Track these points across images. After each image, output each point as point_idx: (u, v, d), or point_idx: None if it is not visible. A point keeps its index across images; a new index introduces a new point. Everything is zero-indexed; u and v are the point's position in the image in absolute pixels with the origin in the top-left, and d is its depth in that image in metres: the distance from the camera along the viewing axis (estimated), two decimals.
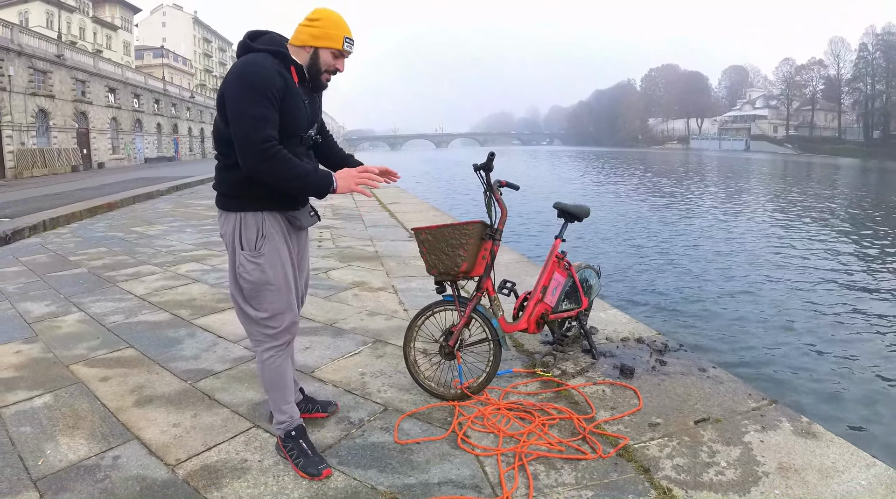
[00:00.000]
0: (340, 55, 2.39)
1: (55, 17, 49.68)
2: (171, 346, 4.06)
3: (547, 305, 3.34)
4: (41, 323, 4.71)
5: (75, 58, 39.37)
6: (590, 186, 33.38)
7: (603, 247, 13.34)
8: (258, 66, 2.20)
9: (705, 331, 7.22)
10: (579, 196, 26.80)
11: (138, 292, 5.61)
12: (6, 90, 31.19)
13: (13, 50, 31.94)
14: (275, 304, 2.40)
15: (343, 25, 2.35)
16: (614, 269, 10.90)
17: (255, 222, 2.36)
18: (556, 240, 3.48)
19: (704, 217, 18.76)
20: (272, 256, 2.38)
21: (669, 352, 3.74)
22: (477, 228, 2.93)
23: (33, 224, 10.15)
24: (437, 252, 2.95)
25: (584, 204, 3.64)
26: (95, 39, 57.89)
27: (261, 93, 2.17)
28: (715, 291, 9.28)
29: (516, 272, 5.75)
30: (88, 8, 58.10)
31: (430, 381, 3.10)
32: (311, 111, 2.43)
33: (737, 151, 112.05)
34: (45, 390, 3.33)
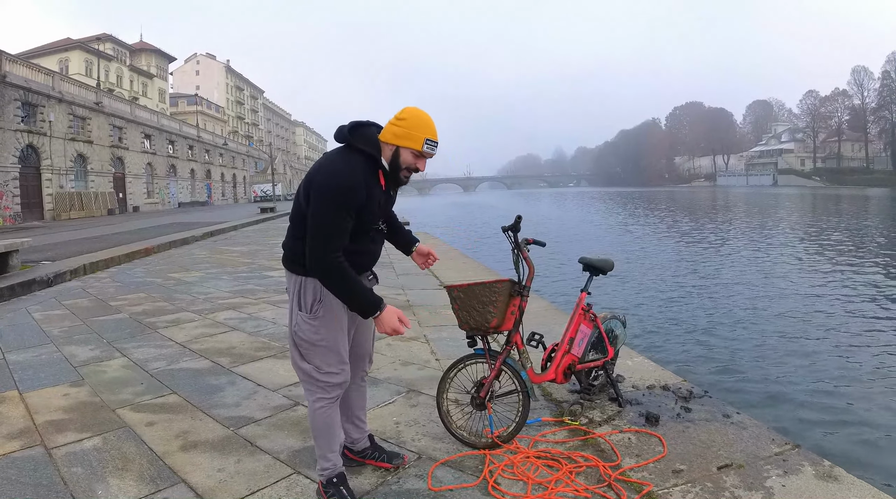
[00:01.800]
0: (420, 156, 2.50)
1: (94, 65, 51.80)
2: (212, 393, 4.22)
3: (574, 356, 3.47)
4: (86, 367, 4.92)
5: (113, 105, 40.95)
6: (614, 229, 33.38)
7: (630, 292, 13.32)
8: (348, 180, 2.37)
9: (732, 375, 7.19)
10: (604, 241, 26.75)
11: (179, 339, 5.81)
12: (47, 135, 32.48)
13: (54, 97, 33.37)
14: (327, 360, 2.55)
15: (427, 127, 2.46)
16: (642, 314, 10.88)
17: (313, 288, 2.51)
18: (582, 293, 3.62)
19: (732, 258, 18.65)
20: (327, 318, 2.53)
21: (694, 398, 3.81)
22: (506, 286, 3.10)
23: (74, 268, 10.54)
24: (469, 309, 3.11)
25: (608, 257, 3.80)
26: (132, 87, 60.14)
27: (344, 209, 2.35)
28: (743, 334, 9.22)
29: (545, 321, 5.84)
30: (126, 57, 60.56)
31: (462, 430, 3.22)
32: (385, 208, 2.64)
33: (764, 187, 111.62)
34: (94, 433, 3.50)
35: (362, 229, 2.50)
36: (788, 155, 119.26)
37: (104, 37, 57.16)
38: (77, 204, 34.86)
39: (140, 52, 66.16)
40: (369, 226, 2.54)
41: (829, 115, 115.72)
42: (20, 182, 30.64)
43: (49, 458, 3.17)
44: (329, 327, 2.53)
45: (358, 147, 2.47)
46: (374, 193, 2.45)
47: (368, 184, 2.42)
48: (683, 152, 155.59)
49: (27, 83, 31.20)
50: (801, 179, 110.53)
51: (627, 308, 11.40)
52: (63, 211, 33.57)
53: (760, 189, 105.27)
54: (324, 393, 2.57)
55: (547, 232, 31.76)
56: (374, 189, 2.47)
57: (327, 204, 2.35)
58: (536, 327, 4.62)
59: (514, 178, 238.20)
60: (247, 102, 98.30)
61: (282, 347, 5.34)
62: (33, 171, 32.12)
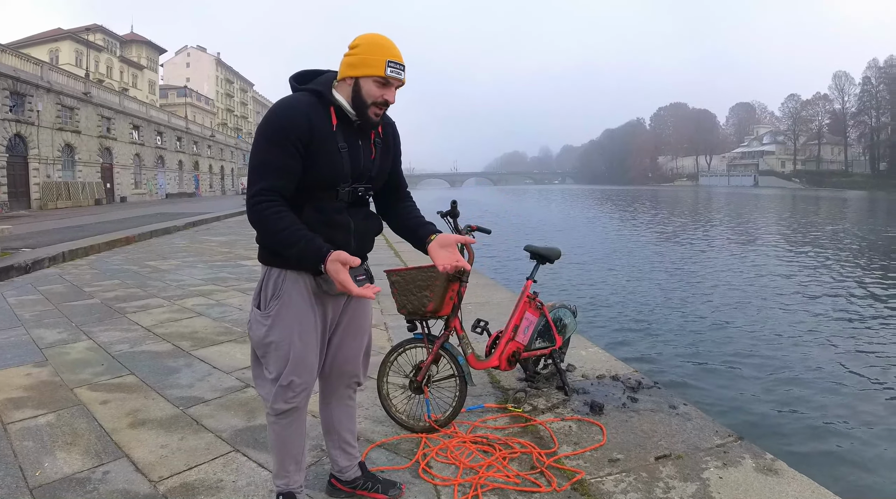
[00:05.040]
0: (386, 83, 2.03)
1: (84, 56, 51.51)
2: (168, 374, 4.29)
3: (519, 343, 3.53)
4: (52, 349, 4.99)
5: (101, 95, 40.72)
6: (593, 224, 33.69)
7: (597, 283, 13.52)
8: (279, 108, 2.00)
9: (687, 369, 7.25)
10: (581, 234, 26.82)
11: (145, 324, 5.87)
12: (34, 125, 32.31)
13: (42, 86, 33.20)
14: (278, 365, 2.13)
15: (385, 47, 2.01)
16: (606, 306, 11.00)
17: (274, 280, 2.13)
18: (528, 281, 3.68)
19: (705, 254, 18.89)
20: (284, 317, 2.11)
21: (643, 389, 3.87)
22: None
23: (53, 255, 10.52)
24: (406, 293, 3.14)
25: (555, 246, 3.87)
26: (122, 78, 59.84)
27: (276, 142, 1.95)
28: (703, 328, 9.35)
29: (507, 311, 5.92)
30: (116, 48, 60.26)
31: (401, 414, 3.27)
32: (353, 159, 2.10)
33: (745, 187, 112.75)
34: (49, 410, 3.60)
35: (319, 183, 2.04)
36: (769, 157, 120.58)
37: (95, 27, 56.76)
38: (64, 194, 34.63)
39: (131, 43, 65.75)
40: (331, 179, 2.05)
41: (810, 118, 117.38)
42: (7, 171, 30.36)
43: (4, 432, 3.27)
44: (284, 328, 2.11)
45: (303, 89, 2.11)
46: (322, 129, 2.01)
47: (313, 118, 2.00)
48: (667, 152, 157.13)
49: (15, 73, 30.96)
50: (781, 180, 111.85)
51: (593, 300, 11.53)
52: (50, 200, 33.35)
53: (741, 189, 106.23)
54: (276, 403, 2.16)
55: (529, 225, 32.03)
56: (323, 124, 2.02)
57: (259, 140, 2.00)
58: (498, 317, 4.72)
59: (501, 174, 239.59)
60: (236, 95, 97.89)
61: (243, 333, 5.40)
62: (20, 160, 31.85)
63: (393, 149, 2.34)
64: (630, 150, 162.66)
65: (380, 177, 2.28)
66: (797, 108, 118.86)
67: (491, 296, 6.96)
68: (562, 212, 47.06)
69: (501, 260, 17.32)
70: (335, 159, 2.05)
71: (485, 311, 6.02)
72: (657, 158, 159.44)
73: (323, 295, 2.19)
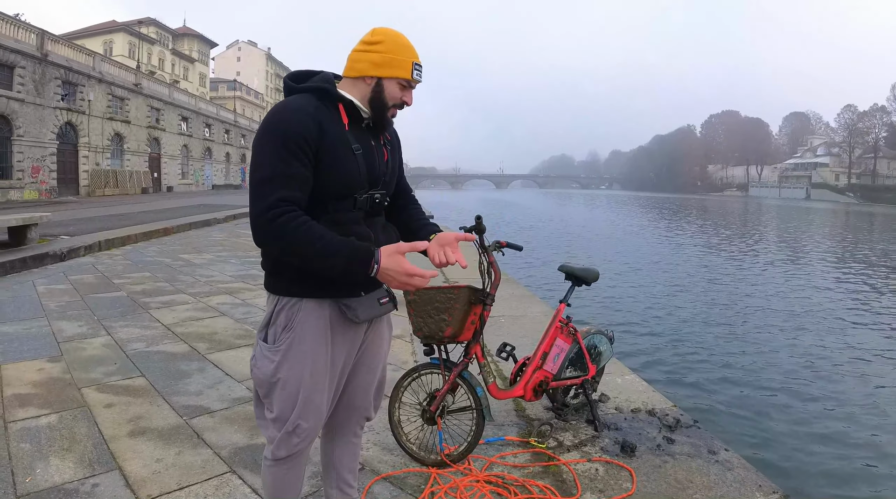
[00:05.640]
0: (408, 86, 1.89)
1: (137, 48, 52.80)
2: (179, 379, 4.13)
3: (547, 372, 3.24)
4: (69, 343, 4.93)
5: (152, 87, 41.63)
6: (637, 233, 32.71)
7: (638, 301, 12.84)
8: (283, 111, 1.77)
9: (731, 404, 6.68)
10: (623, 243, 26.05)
11: (166, 321, 5.75)
12: (85, 114, 33.15)
13: (94, 77, 34.10)
14: (284, 405, 1.85)
15: (411, 48, 1.87)
16: (645, 327, 10.43)
17: (287, 312, 1.84)
18: (561, 304, 3.38)
19: (754, 274, 17.79)
20: (294, 353, 1.83)
21: (681, 428, 3.53)
22: (464, 292, 2.81)
23: (89, 244, 10.58)
24: (423, 315, 2.86)
25: (592, 267, 3.55)
26: (173, 70, 61.00)
27: (282, 145, 1.71)
28: (753, 359, 8.63)
29: (542, 327, 5.61)
30: (168, 41, 61.54)
31: (412, 444, 3.01)
32: (369, 163, 1.87)
33: (797, 200, 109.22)
34: (53, 410, 3.50)
35: (334, 191, 1.81)
36: (823, 169, 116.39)
37: (148, 20, 58.16)
38: (112, 181, 35.39)
39: (183, 36, 67.03)
40: (347, 185, 1.82)
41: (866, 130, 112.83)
42: (57, 158, 31.21)
43: (4, 431, 3.19)
44: (294, 366, 1.82)
45: (303, 89, 1.88)
46: (333, 131, 1.80)
47: (321, 119, 1.78)
48: (717, 161, 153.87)
49: (68, 63, 31.80)
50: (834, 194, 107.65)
51: (631, 315, 11.03)
52: (98, 188, 34.12)
53: (792, 202, 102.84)
54: (279, 450, 1.89)
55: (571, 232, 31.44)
56: (333, 126, 1.80)
57: (263, 149, 1.75)
58: (532, 333, 4.43)
59: (547, 177, 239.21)
60: None
61: None
62: (71, 148, 32.70)
63: (398, 151, 2.13)
64: (679, 157, 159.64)
65: (393, 181, 2.05)
66: (853, 119, 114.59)
67: (527, 308, 6.65)
68: (606, 218, 46.41)
69: (539, 268, 16.86)
70: (350, 163, 1.82)
71: (518, 325, 5.75)
72: (707, 166, 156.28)
73: (343, 327, 1.90)
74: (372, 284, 1.88)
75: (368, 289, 1.91)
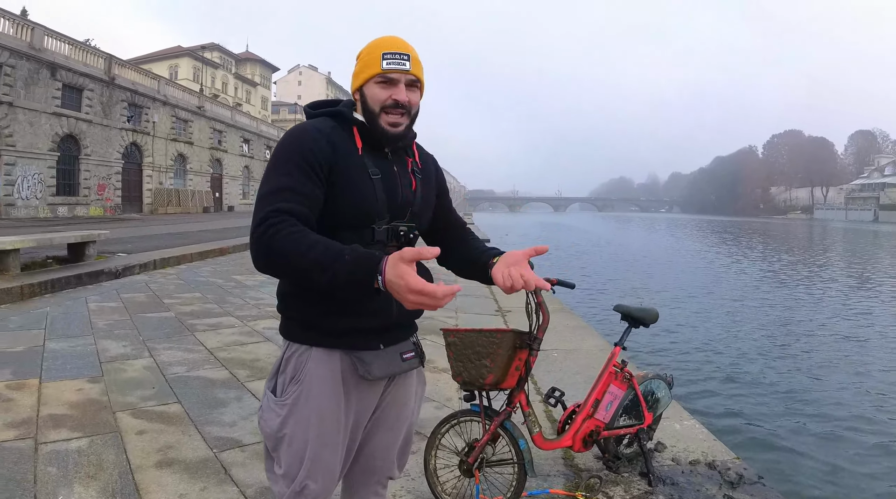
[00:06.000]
0: (388, 81, 1.62)
1: (201, 72, 54.75)
2: (215, 407, 4.01)
3: (598, 421, 2.97)
4: (111, 364, 4.90)
5: (214, 109, 43.23)
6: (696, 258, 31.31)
7: (699, 334, 12.08)
8: (294, 131, 1.65)
9: (800, 457, 6.02)
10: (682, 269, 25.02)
11: (210, 345, 5.69)
12: (150, 135, 34.60)
13: (159, 100, 35.70)
14: (292, 466, 1.63)
15: (382, 42, 1.66)
16: (707, 364, 9.74)
17: (295, 362, 1.64)
18: (616, 347, 3.11)
19: (830, 308, 16.31)
20: (301, 408, 1.61)
21: (744, 484, 3.20)
22: (508, 337, 2.54)
23: (144, 262, 10.75)
24: (463, 359, 2.60)
25: (651, 307, 3.28)
26: (236, 94, 62.96)
27: (290, 161, 1.55)
28: (828, 401, 7.89)
29: (597, 363, 5.30)
30: (231, 65, 63.69)
31: (448, 495, 2.78)
32: (390, 189, 1.65)
33: (864, 222, 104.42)
34: (84, 434, 3.44)
35: (349, 219, 1.60)
36: (892, 190, 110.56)
37: (212, 46, 60.32)
38: (174, 200, 36.59)
39: (245, 61, 69.23)
40: (363, 213, 1.60)
41: None
42: (122, 176, 32.67)
43: (34, 453, 3.16)
44: (301, 422, 1.60)
45: (321, 111, 1.74)
46: (347, 154, 1.62)
47: (336, 140, 1.62)
48: (780, 182, 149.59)
49: (134, 86, 33.53)
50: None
51: (689, 353, 10.40)
52: (160, 206, 35.33)
53: (860, 225, 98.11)
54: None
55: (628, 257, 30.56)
56: (348, 148, 1.63)
57: (269, 169, 1.59)
58: (585, 370, 4.15)
59: (606, 200, 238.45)
60: None
61: None
62: (135, 167, 34.17)
63: (436, 180, 1.89)
64: (741, 179, 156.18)
65: (425, 213, 1.80)
66: None
67: (581, 341, 6.35)
68: (665, 243, 45.08)
69: (595, 296, 16.28)
70: (366, 187, 1.61)
71: (571, 360, 5.47)
72: (769, 188, 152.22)
73: (357, 380, 1.66)
74: (394, 333, 1.68)
75: (389, 340, 1.68)
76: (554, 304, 8.34)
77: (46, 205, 27.43)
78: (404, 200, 1.69)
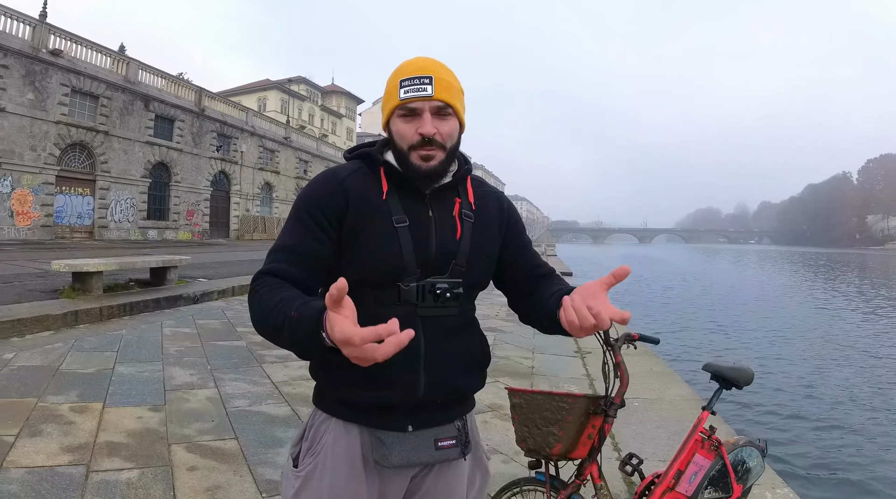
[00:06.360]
0: (410, 113, 1.38)
1: (288, 104, 56.92)
2: (271, 446, 3.88)
3: (680, 494, 2.61)
4: (175, 393, 4.89)
5: (300, 140, 45.00)
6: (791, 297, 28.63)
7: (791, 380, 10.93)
8: (312, 179, 1.48)
9: None
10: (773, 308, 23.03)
11: (276, 378, 5.61)
12: (238, 164, 36.25)
13: (247, 130, 37.46)
14: None
15: (402, 68, 1.42)
16: (807, 420, 8.69)
17: (314, 429, 1.43)
18: (704, 412, 2.75)
19: None
20: (314, 485, 1.37)
21: None
22: (581, 403, 2.21)
23: (223, 288, 10.95)
24: (529, 423, 2.28)
25: (745, 366, 2.89)
26: (322, 125, 65.01)
27: (298, 214, 1.40)
28: None
29: (683, 416, 4.88)
30: (318, 97, 65.97)
31: None
32: (420, 239, 1.39)
33: None
34: (136, 466, 3.39)
35: (369, 277, 1.36)
36: None
37: (298, 79, 62.62)
38: (260, 227, 37.87)
39: (331, 93, 71.52)
40: (384, 269, 1.36)
41: None
42: (210, 203, 34.26)
43: (84, 480, 3.15)
44: (313, 495, 1.38)
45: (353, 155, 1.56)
46: (366, 199, 1.40)
47: (351, 186, 1.41)
48: (877, 210, 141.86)
49: (223, 117, 35.39)
50: None
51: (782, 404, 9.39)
52: (246, 232, 36.63)
53: None
54: None
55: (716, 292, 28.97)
56: (369, 194, 1.41)
57: (285, 223, 1.46)
58: (667, 425, 3.80)
59: (692, 231, 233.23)
60: None
61: None
62: (223, 194, 35.75)
63: (502, 222, 1.59)
64: (835, 207, 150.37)
65: (477, 265, 1.48)
66: None
67: (664, 389, 5.88)
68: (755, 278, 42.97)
69: (678, 334, 15.33)
70: (387, 237, 1.37)
71: (654, 412, 5.07)
72: (866, 216, 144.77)
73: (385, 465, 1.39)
74: (429, 413, 1.40)
75: (421, 422, 1.39)
76: None
77: (137, 228, 28.95)
78: (443, 250, 1.42)
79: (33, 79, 23.44)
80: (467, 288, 1.46)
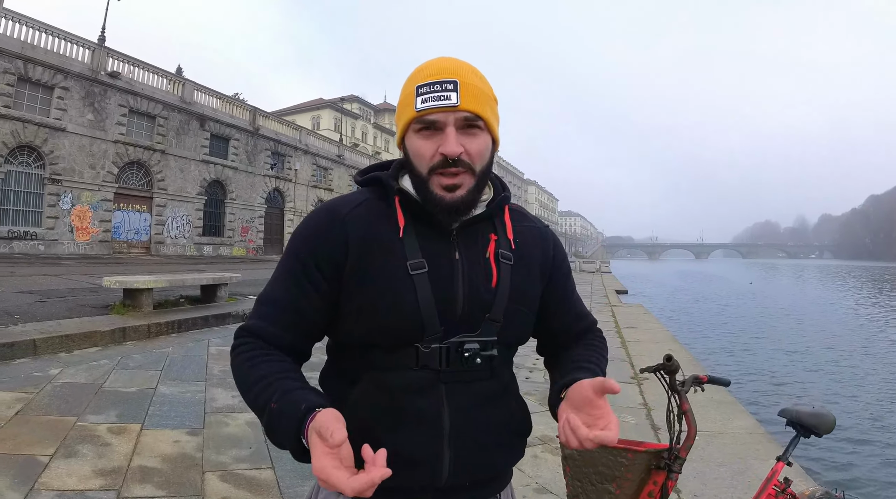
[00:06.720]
0: (429, 126, 1.11)
1: (341, 123, 57.88)
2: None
3: None
4: (215, 416, 4.77)
5: (353, 158, 45.89)
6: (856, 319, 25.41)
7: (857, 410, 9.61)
8: (312, 212, 1.24)
9: None
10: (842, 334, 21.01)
11: None
12: (291, 181, 36.94)
13: (300, 148, 38.35)
14: None
15: (420, 70, 1.16)
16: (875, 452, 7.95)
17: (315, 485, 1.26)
18: (779, 463, 2.45)
19: None
20: None
21: None
22: (641, 459, 1.90)
23: None
24: (582, 478, 1.96)
25: (826, 411, 2.57)
26: (375, 143, 65.73)
27: (289, 259, 1.19)
28: None
29: (747, 452, 4.50)
30: (370, 115, 66.92)
31: None
32: (442, 287, 1.13)
33: None
34: (168, 494, 3.27)
35: (380, 337, 1.12)
36: None
37: (351, 98, 63.61)
38: None
39: (384, 111, 72.28)
40: (397, 328, 1.11)
41: None
42: (265, 220, 34.98)
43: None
44: None
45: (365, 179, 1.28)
46: (377, 240, 1.14)
47: (354, 224, 1.15)
48: None
49: (277, 136, 36.32)
50: None
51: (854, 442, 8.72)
52: None
53: None
54: None
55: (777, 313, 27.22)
56: (380, 233, 1.15)
57: (278, 264, 1.24)
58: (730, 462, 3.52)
59: (750, 246, 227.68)
60: None
61: None
62: (277, 211, 36.46)
63: (545, 263, 1.30)
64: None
65: (516, 320, 1.20)
66: None
67: (727, 422, 5.40)
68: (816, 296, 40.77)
69: (738, 355, 14.58)
70: (400, 288, 1.11)
71: (715, 447, 4.66)
72: None
73: None
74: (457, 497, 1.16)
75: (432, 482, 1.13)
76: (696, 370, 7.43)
77: (193, 244, 29.65)
78: (473, 302, 1.15)
79: (93, 100, 24.34)
80: (503, 348, 1.19)
